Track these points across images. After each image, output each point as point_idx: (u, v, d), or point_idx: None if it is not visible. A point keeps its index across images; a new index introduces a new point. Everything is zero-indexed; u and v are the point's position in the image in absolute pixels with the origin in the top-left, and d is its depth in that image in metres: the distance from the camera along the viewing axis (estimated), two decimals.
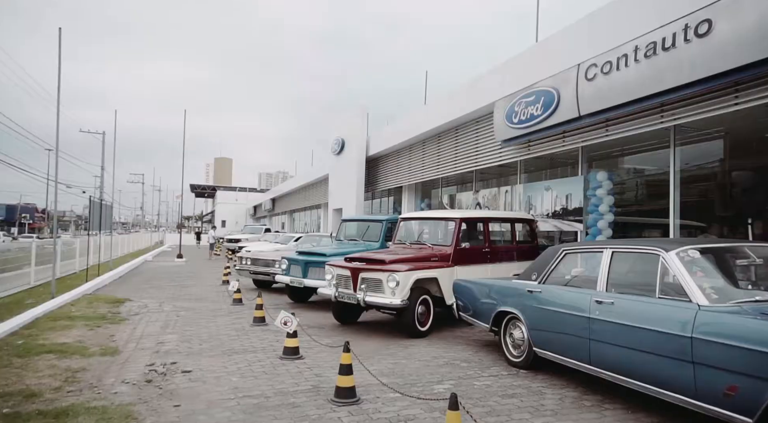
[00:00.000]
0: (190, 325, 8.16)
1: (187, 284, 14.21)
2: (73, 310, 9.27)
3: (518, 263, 9.18)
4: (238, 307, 10.02)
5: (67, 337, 7.08)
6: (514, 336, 5.83)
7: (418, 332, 7.44)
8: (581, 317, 4.71)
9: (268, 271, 12.26)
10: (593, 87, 7.87)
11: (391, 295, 7.27)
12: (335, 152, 20.51)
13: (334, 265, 8.15)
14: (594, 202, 9.38)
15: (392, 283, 7.25)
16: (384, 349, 6.69)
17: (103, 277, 14.28)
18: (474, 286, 6.80)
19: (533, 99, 9.29)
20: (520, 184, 11.59)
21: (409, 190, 17.31)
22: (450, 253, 8.15)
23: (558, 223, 10.28)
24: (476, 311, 6.64)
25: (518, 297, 5.71)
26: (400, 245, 8.94)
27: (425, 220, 9.23)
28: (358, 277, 7.66)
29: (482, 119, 12.12)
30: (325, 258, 9.93)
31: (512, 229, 9.38)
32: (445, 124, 13.57)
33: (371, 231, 11.30)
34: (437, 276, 7.76)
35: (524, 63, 10.29)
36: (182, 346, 6.69)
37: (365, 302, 7.42)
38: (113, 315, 8.90)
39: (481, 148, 12.24)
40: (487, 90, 11.36)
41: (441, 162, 14.31)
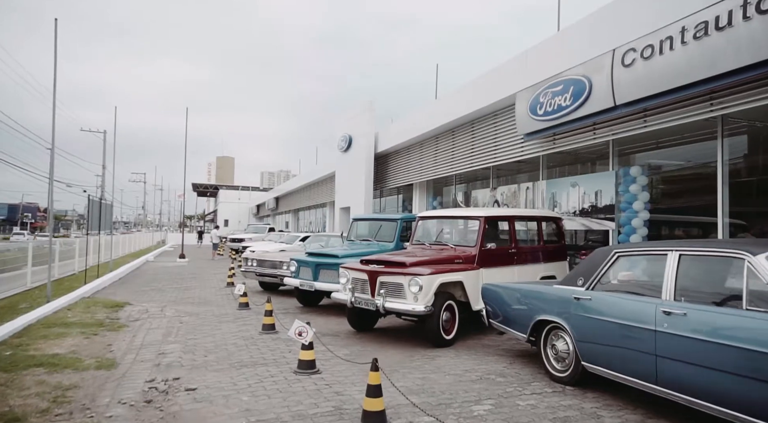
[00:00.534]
0: (193, 332, 7.56)
1: (189, 286, 13.62)
2: (69, 315, 8.67)
3: (545, 264, 8.58)
4: (245, 312, 9.42)
5: (61, 346, 6.49)
6: (557, 348, 5.20)
7: (444, 341, 6.83)
8: (645, 330, 4.09)
9: (275, 273, 11.66)
10: (631, 74, 7.23)
11: (414, 300, 6.66)
12: (342, 149, 19.89)
13: (350, 267, 7.54)
14: (627, 199, 8.76)
15: (414, 287, 6.63)
16: (408, 361, 6.08)
17: (103, 279, 13.69)
18: (506, 291, 6.18)
19: (561, 89, 8.66)
20: (543, 180, 10.96)
21: (420, 187, 16.69)
22: (475, 254, 7.52)
23: (586, 222, 9.65)
24: (509, 319, 6.03)
25: (562, 305, 5.09)
26: (419, 246, 8.32)
27: (446, 219, 8.60)
28: (376, 281, 7.04)
29: (501, 112, 11.49)
30: (338, 260, 9.33)
31: (539, 229, 8.76)
32: (459, 118, 12.95)
33: (385, 230, 10.68)
34: (462, 279, 7.14)
35: (548, 51, 9.66)
36: (186, 357, 6.08)
37: (385, 309, 6.81)
38: (111, 321, 8.31)
39: (500, 142, 11.61)
40: (507, 81, 10.72)
41: (455, 158, 13.68)
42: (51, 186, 10.15)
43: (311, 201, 31.55)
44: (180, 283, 14.27)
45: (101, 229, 15.83)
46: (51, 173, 10.28)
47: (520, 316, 5.77)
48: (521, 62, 10.34)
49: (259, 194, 61.64)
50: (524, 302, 5.76)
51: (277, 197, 44.04)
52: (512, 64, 10.68)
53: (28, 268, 13.20)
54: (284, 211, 42.41)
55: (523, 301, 5.78)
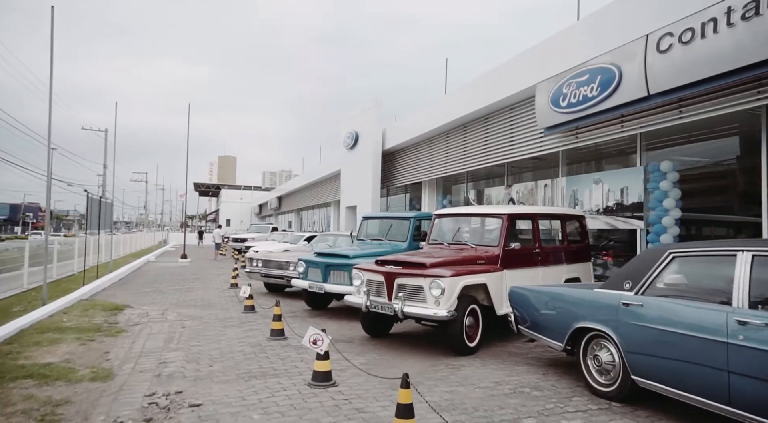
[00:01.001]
0: (197, 338, 7.06)
1: (192, 288, 13.13)
2: (65, 319, 8.18)
3: (569, 266, 8.08)
4: (251, 316, 8.92)
5: (54, 354, 5.99)
6: (601, 359, 4.69)
7: (467, 349, 6.32)
8: (714, 342, 3.58)
9: (281, 274, 11.16)
10: (667, 60, 6.72)
11: (435, 305, 6.15)
12: (348, 146, 19.38)
13: (364, 269, 7.03)
14: (657, 196, 8.25)
15: (436, 290, 6.13)
16: (431, 371, 5.57)
17: (102, 280, 13.20)
18: (538, 295, 5.68)
19: (587, 78, 8.15)
20: (562, 176, 10.45)
21: (429, 185, 16.18)
22: (498, 254, 7.02)
23: (611, 220, 9.14)
24: (541, 325, 5.52)
25: (607, 311, 4.58)
26: (437, 246, 7.82)
27: (465, 217, 8.09)
28: (393, 284, 6.53)
29: (518, 105, 10.98)
30: (349, 260, 8.83)
31: (562, 227, 8.24)
32: (472, 113, 12.44)
33: (397, 229, 10.18)
34: (486, 281, 6.63)
35: (571, 40, 9.14)
36: (189, 367, 5.59)
37: (403, 314, 6.30)
38: (110, 326, 7.81)
39: (516, 137, 11.10)
40: (525, 72, 10.21)
41: (468, 154, 13.18)
42: (49, 183, 9.67)
43: (315, 200, 31.05)
44: (182, 285, 13.78)
45: (101, 228, 15.35)
46: (49, 171, 9.79)
47: (555, 323, 5.27)
48: (541, 52, 9.83)
49: (261, 194, 61.15)
50: (560, 308, 5.25)
51: (279, 197, 43.53)
52: (531, 55, 10.17)
53: (24, 269, 12.74)
54: (287, 211, 41.92)
55: (559, 306, 5.28)
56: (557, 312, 5.28)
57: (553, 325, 5.30)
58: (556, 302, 5.33)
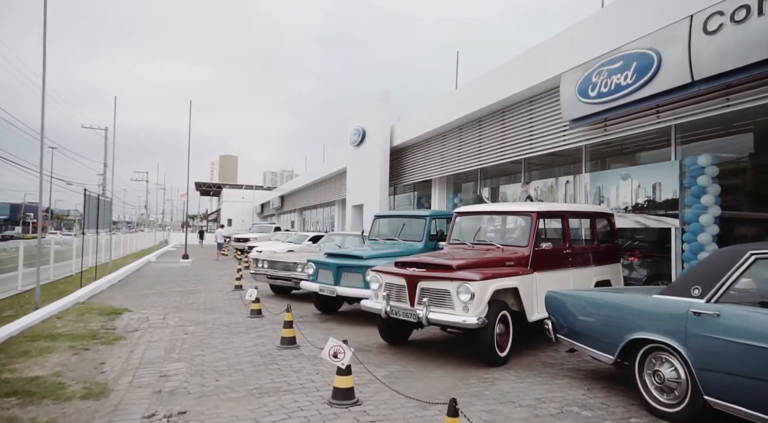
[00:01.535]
0: (201, 346, 6.49)
1: (194, 290, 12.56)
2: (58, 325, 7.62)
3: (598, 267, 7.51)
4: (258, 321, 8.35)
5: (43, 366, 5.43)
6: (663, 375, 4.11)
7: (498, 359, 5.75)
8: None
9: (288, 275, 10.59)
10: (716, 43, 6.14)
11: (463, 311, 5.58)
12: (355, 143, 18.80)
13: (383, 271, 6.46)
14: (694, 193, 7.67)
15: (465, 295, 5.56)
16: (462, 385, 5.00)
17: (101, 282, 12.64)
18: (580, 301, 5.11)
19: (620, 65, 7.57)
20: (586, 172, 9.87)
21: (439, 183, 15.60)
22: (527, 255, 6.45)
23: (641, 219, 8.56)
24: (585, 334, 4.95)
25: (672, 321, 4.00)
26: (459, 246, 7.25)
27: (490, 214, 7.52)
28: (416, 288, 5.96)
29: (539, 98, 10.40)
30: (362, 261, 8.27)
31: (592, 226, 7.67)
32: (487, 106, 11.86)
33: (412, 228, 9.60)
34: (517, 285, 6.06)
35: (600, 25, 8.55)
36: (193, 381, 5.02)
37: (428, 321, 5.73)
38: (107, 332, 7.25)
39: (536, 131, 10.52)
40: (548, 61, 9.64)
41: (483, 151, 12.59)
42: (41, 179, 9.11)
43: (318, 199, 30.46)
44: (184, 286, 13.22)
45: (100, 227, 14.79)
46: (41, 167, 9.23)
47: (603, 333, 4.70)
48: (566, 40, 9.25)
49: (262, 193, 60.57)
50: (609, 316, 4.68)
51: (282, 196, 42.96)
52: (554, 43, 9.58)
53: (19, 270, 12.18)
54: (289, 211, 41.35)
55: (608, 314, 4.70)
56: (606, 320, 4.71)
57: (601, 335, 4.73)
58: (605, 309, 4.75)
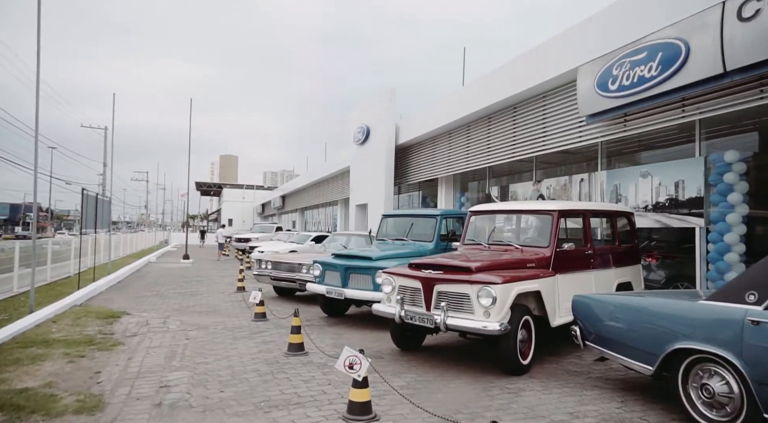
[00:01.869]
0: (203, 353, 6.13)
1: (195, 291, 12.20)
2: (53, 329, 7.25)
3: (619, 269, 7.15)
4: (263, 325, 7.99)
5: (35, 376, 5.07)
6: (713, 389, 3.75)
7: (521, 367, 5.39)
8: None
9: (293, 277, 10.23)
10: (751, 30, 5.78)
11: (484, 316, 5.21)
12: (358, 141, 18.43)
13: (396, 273, 6.09)
14: (720, 190, 7.31)
15: (486, 299, 5.19)
16: (485, 397, 4.64)
17: (99, 283, 12.27)
18: (613, 306, 4.75)
19: (644, 56, 7.20)
20: (602, 170, 9.50)
21: (446, 182, 15.23)
22: (549, 256, 6.08)
23: (663, 218, 8.20)
24: (618, 342, 4.59)
25: (724, 330, 3.64)
26: (474, 246, 6.89)
27: (507, 213, 7.16)
28: (432, 291, 5.60)
29: (552, 93, 10.04)
30: (371, 262, 7.91)
31: (612, 226, 7.31)
32: (498, 103, 11.50)
33: (422, 228, 9.24)
34: (540, 288, 5.70)
35: (621, 15, 8.17)
36: (196, 393, 4.65)
37: (446, 326, 5.36)
38: (104, 337, 6.88)
39: (550, 128, 10.15)
40: (563, 55, 9.27)
41: (492, 148, 12.23)
42: (36, 178, 8.75)
43: (320, 199, 30.09)
44: (185, 288, 12.86)
45: (99, 227, 14.43)
46: (35, 164, 8.87)
47: (640, 341, 4.33)
48: (583, 31, 8.88)
49: (263, 193, 60.21)
50: (647, 323, 4.32)
51: (283, 196, 42.60)
52: (570, 35, 9.21)
53: (15, 271, 11.82)
54: (291, 210, 40.99)
55: (646, 320, 4.34)
56: (643, 327, 4.34)
57: (637, 343, 4.37)
58: (642, 315, 4.39)
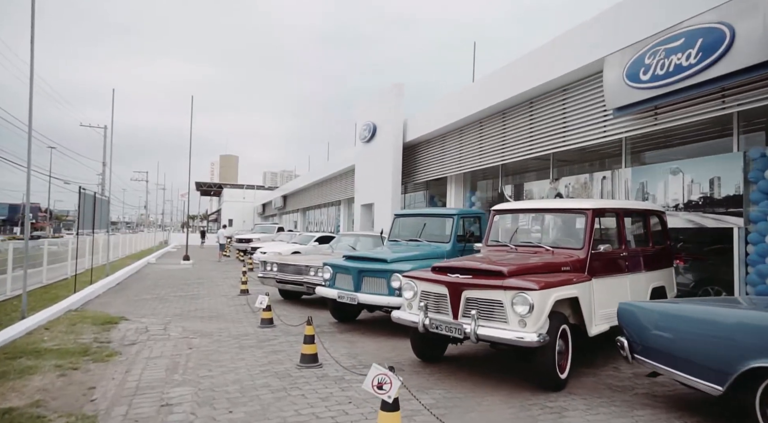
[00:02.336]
0: (208, 364, 5.63)
1: (197, 294, 11.70)
2: (45, 338, 6.75)
3: (653, 273, 6.67)
4: (270, 332, 7.49)
5: (21, 393, 4.56)
6: None
7: (558, 382, 4.88)
8: None
9: (300, 279, 9.73)
10: None
11: (520, 325, 4.71)
12: (364, 139, 17.92)
13: (419, 278, 5.59)
14: (762, 188, 6.81)
15: (521, 307, 4.69)
16: (525, 415, 4.14)
17: (97, 286, 11.77)
18: (670, 315, 4.25)
19: (681, 43, 6.70)
20: (626, 167, 9.00)
21: (456, 181, 14.72)
22: (583, 259, 5.59)
23: (696, 218, 7.70)
24: (674, 357, 4.09)
25: None
26: (500, 248, 6.38)
27: (535, 213, 6.66)
28: (460, 297, 5.10)
29: (574, 86, 9.53)
30: (386, 265, 7.41)
31: (645, 226, 6.82)
32: (513, 97, 10.99)
33: (437, 228, 8.75)
34: (578, 294, 5.20)
35: (652, 2, 7.66)
36: (201, 413, 4.15)
37: (477, 337, 4.86)
38: (100, 346, 6.38)
39: (571, 123, 9.65)
40: (584, 46, 8.77)
41: (507, 145, 11.72)
42: (29, 175, 8.25)
43: (323, 199, 29.59)
44: (186, 290, 12.35)
45: (97, 227, 13.92)
46: (29, 160, 8.37)
47: (705, 357, 3.83)
48: (609, 20, 8.36)
49: (264, 193, 59.71)
50: (712, 335, 3.82)
51: (284, 196, 42.10)
52: (596, 24, 8.68)
53: (8, 273, 11.30)
54: (292, 211, 40.50)
55: (711, 333, 3.84)
56: (708, 341, 3.84)
57: (701, 359, 3.87)
58: (707, 327, 3.89)
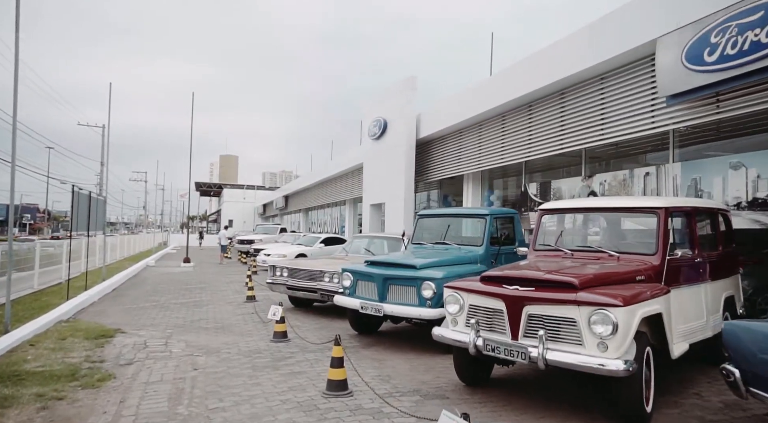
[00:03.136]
0: (218, 392, 4.76)
1: (200, 301, 10.83)
2: (29, 357, 5.88)
3: (724, 281, 5.84)
4: (285, 347, 6.63)
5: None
6: None
7: (644, 415, 4.03)
8: None
9: (314, 286, 8.86)
10: None
11: (599, 349, 3.86)
12: (374, 136, 17.06)
13: (466, 289, 4.73)
14: None
15: (602, 326, 3.84)
16: None
17: (91, 292, 10.91)
18: None
19: (760, 17, 5.85)
20: (675, 162, 8.17)
21: (473, 179, 13.87)
22: (658, 266, 4.75)
23: (764, 218, 6.86)
24: None
25: None
26: (552, 253, 5.53)
27: (593, 212, 5.80)
28: (521, 313, 4.25)
29: (615, 73, 8.67)
30: (416, 272, 6.55)
31: (714, 227, 5.98)
32: (541, 89, 10.14)
33: (467, 230, 7.92)
34: (662, 309, 4.34)
35: None
36: None
37: (547, 362, 4.00)
38: (91, 367, 5.52)
39: (610, 114, 8.80)
40: (631, 27, 7.91)
41: (534, 140, 10.87)
42: (13, 169, 7.39)
43: (327, 199, 28.71)
44: (187, 296, 11.49)
45: (93, 228, 13.05)
46: (13, 155, 7.52)
47: None
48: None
49: (264, 193, 58.84)
50: None
51: (286, 196, 41.23)
52: (645, 3, 7.80)
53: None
54: (294, 211, 39.62)
55: None
56: None
57: None
58: None
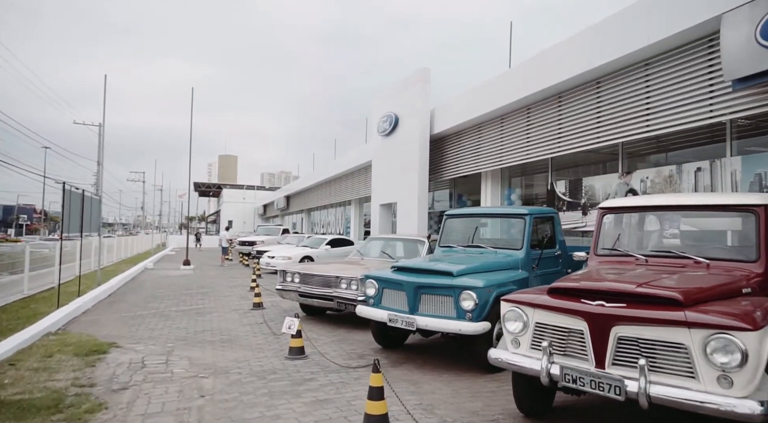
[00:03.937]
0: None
1: (202, 308, 9.99)
2: (6, 381, 5.03)
3: None
4: (303, 365, 5.79)
5: None
6: None
7: None
8: None
9: (330, 293, 8.03)
10: None
11: (721, 384, 3.04)
12: (384, 132, 16.23)
13: (533, 304, 3.89)
14: None
15: (725, 356, 3.02)
16: None
17: (85, 299, 10.05)
18: None
19: None
20: (733, 156, 7.36)
21: (492, 177, 13.05)
22: (762, 273, 3.95)
23: None
24: None
25: None
26: (621, 259, 4.70)
27: (668, 210, 4.97)
28: (608, 335, 3.42)
29: (663, 58, 7.85)
30: (453, 279, 5.71)
31: None
32: (573, 78, 9.33)
33: (504, 232, 7.09)
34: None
35: None
36: None
37: (651, 399, 3.17)
38: (79, 393, 4.67)
39: (656, 103, 7.98)
40: (685, 7, 7.11)
41: (564, 134, 10.05)
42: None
43: (331, 199, 27.86)
44: (189, 303, 10.64)
45: (87, 229, 12.20)
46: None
47: None
48: None
49: (264, 193, 57.96)
50: None
51: (287, 196, 40.36)
52: None
53: None
54: (296, 211, 38.76)
55: None
56: None
57: None
58: None
